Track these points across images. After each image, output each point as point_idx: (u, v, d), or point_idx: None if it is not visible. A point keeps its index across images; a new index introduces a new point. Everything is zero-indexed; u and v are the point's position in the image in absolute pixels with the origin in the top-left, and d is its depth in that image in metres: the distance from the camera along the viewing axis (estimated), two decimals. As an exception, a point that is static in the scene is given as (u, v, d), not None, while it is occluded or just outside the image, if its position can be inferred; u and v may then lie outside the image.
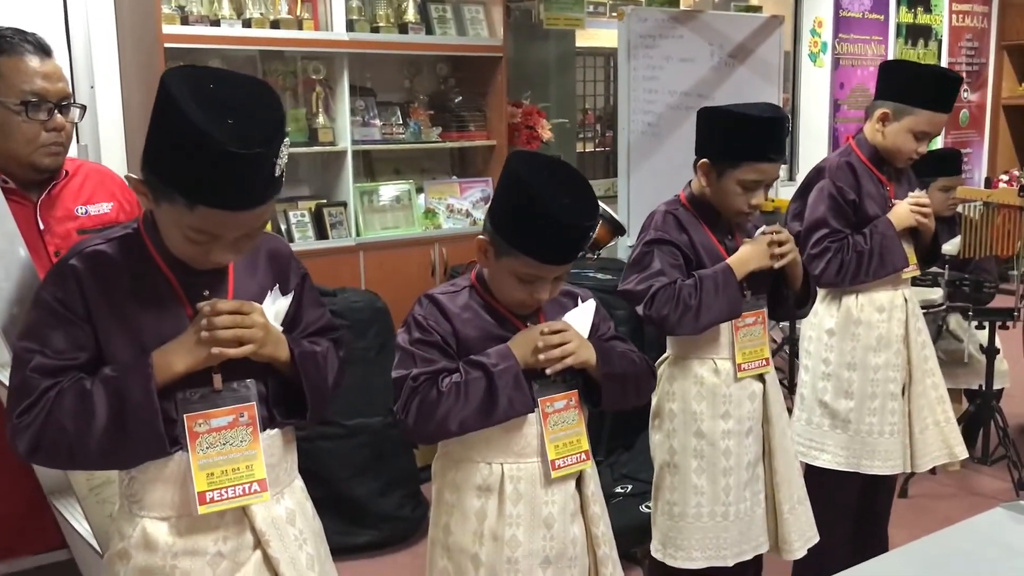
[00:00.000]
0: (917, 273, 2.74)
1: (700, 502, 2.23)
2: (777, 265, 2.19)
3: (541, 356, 1.68)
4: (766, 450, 2.29)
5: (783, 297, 2.31)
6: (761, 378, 2.28)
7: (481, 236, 1.72)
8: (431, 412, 1.64)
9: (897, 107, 2.57)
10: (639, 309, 2.15)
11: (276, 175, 1.30)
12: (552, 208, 1.59)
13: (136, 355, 1.38)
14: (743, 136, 2.11)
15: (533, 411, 1.71)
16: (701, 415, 2.23)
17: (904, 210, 2.61)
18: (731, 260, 2.17)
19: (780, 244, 2.19)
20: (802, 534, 2.32)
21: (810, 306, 2.43)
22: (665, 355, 2.33)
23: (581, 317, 1.78)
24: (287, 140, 1.32)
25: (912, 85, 2.56)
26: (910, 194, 2.65)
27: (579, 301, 1.82)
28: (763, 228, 2.22)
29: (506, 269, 1.68)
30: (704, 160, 2.18)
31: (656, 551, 2.31)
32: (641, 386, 1.87)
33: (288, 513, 1.49)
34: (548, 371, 1.70)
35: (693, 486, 2.23)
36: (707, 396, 2.23)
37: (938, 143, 7.27)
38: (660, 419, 2.32)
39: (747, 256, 2.18)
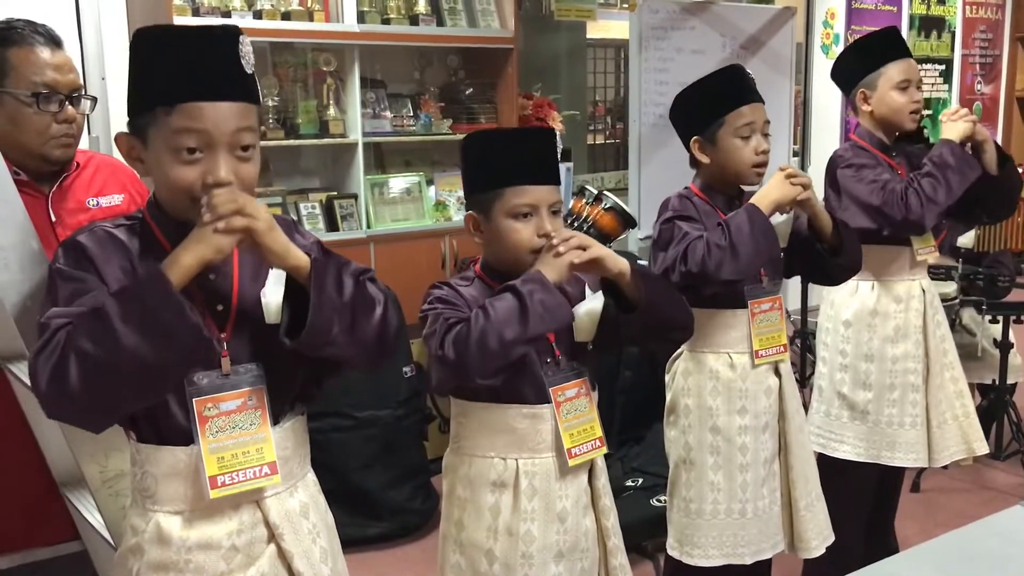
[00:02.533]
0: (935, 256, 2.71)
1: (717, 499, 2.21)
2: (801, 196, 2.13)
3: (561, 248, 1.64)
4: (782, 446, 2.27)
5: (819, 255, 2.22)
6: (777, 372, 2.26)
7: (467, 214, 1.78)
8: (467, 338, 1.59)
9: (866, 81, 2.64)
10: (675, 277, 2.06)
11: (246, 72, 1.36)
12: (506, 130, 1.71)
13: None
14: (710, 95, 2.19)
15: (570, 318, 1.68)
16: (717, 410, 2.21)
17: (948, 126, 2.56)
18: (753, 198, 2.13)
19: (795, 177, 2.14)
20: (819, 532, 2.29)
21: (853, 264, 2.28)
22: (680, 349, 2.31)
23: (591, 303, 1.77)
24: (248, 42, 1.38)
25: (861, 58, 2.67)
26: (943, 112, 2.66)
27: (587, 291, 1.81)
28: (780, 166, 2.19)
29: (499, 218, 1.70)
30: (694, 139, 2.20)
31: (672, 548, 2.28)
32: (675, 300, 1.80)
33: (302, 506, 1.48)
34: (576, 260, 1.64)
35: (709, 483, 2.21)
36: (723, 391, 2.21)
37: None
38: (675, 415, 2.30)
39: (767, 189, 2.14)
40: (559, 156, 1.77)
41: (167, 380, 1.30)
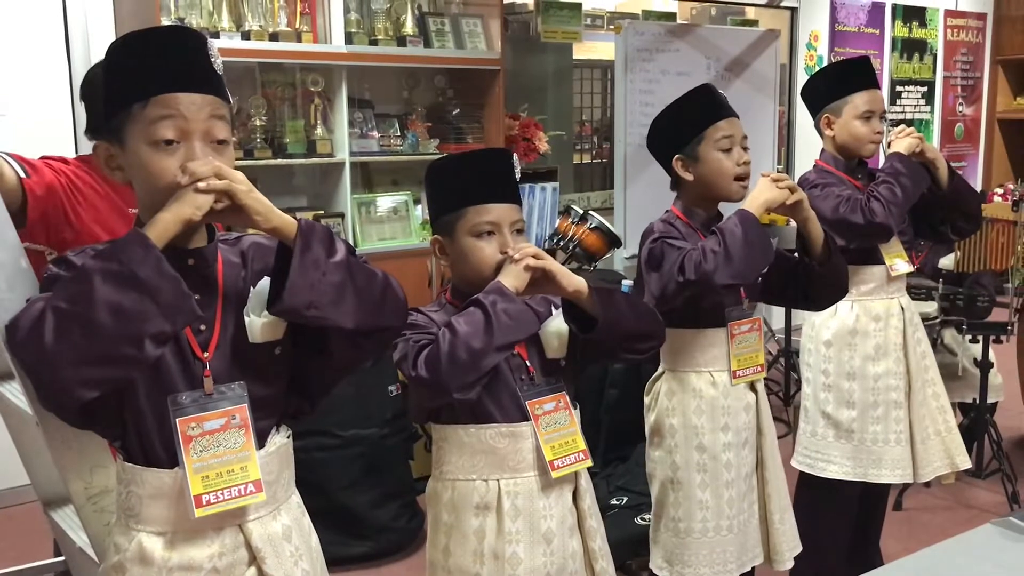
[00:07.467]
0: (910, 269, 2.75)
1: (706, 516, 2.20)
2: (791, 200, 2.14)
3: (516, 256, 1.68)
4: (759, 461, 2.29)
5: (805, 273, 2.22)
6: (753, 388, 2.29)
7: (432, 238, 1.82)
8: (437, 355, 1.61)
9: (832, 107, 2.70)
10: (672, 289, 2.06)
11: (215, 69, 1.39)
12: (464, 153, 1.80)
13: None
14: (688, 113, 2.22)
15: (536, 326, 1.72)
16: (702, 429, 2.22)
17: (896, 142, 2.66)
18: (743, 203, 2.15)
19: (781, 181, 2.17)
20: (789, 543, 2.32)
21: (839, 282, 2.29)
22: (660, 370, 2.32)
23: (558, 320, 1.79)
24: (216, 47, 1.43)
25: (830, 84, 2.74)
26: (892, 131, 2.74)
27: (553, 309, 1.82)
28: (762, 172, 2.21)
29: (462, 237, 1.74)
30: (676, 157, 2.23)
31: (661, 569, 2.27)
32: (639, 309, 1.81)
33: (284, 530, 1.48)
34: (532, 263, 1.66)
35: (698, 501, 2.21)
36: (707, 409, 2.22)
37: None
38: (660, 436, 2.29)
39: (755, 193, 2.15)
40: (518, 175, 1.81)
41: (142, 340, 1.26)
